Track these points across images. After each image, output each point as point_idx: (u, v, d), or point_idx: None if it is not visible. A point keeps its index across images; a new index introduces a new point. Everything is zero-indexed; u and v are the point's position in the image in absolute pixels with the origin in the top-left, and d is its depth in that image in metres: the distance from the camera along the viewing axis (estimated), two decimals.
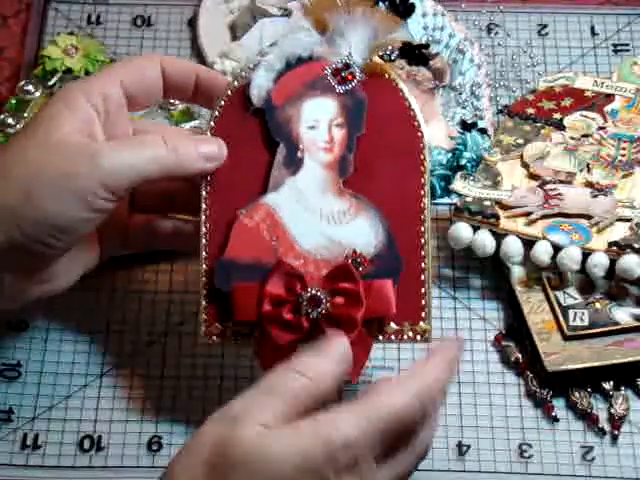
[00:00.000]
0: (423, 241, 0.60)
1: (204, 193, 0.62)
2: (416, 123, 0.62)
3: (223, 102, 0.63)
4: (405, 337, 0.60)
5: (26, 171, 0.58)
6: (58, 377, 0.69)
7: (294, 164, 0.61)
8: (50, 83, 0.79)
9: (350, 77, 0.62)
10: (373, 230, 0.60)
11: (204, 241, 0.61)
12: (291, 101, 0.62)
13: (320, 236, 0.60)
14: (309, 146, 0.62)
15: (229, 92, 0.63)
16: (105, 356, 0.70)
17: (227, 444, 0.50)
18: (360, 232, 0.60)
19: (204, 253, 0.61)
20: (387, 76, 0.63)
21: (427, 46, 0.82)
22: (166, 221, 0.69)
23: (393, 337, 0.59)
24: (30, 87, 0.79)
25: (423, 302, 0.60)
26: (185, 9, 0.86)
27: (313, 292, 0.58)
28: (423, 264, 0.60)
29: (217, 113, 0.63)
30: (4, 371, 0.69)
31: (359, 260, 0.59)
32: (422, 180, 0.61)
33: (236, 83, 0.63)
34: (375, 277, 0.59)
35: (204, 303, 0.61)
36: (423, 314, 0.60)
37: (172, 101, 0.77)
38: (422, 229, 0.61)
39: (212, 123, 0.63)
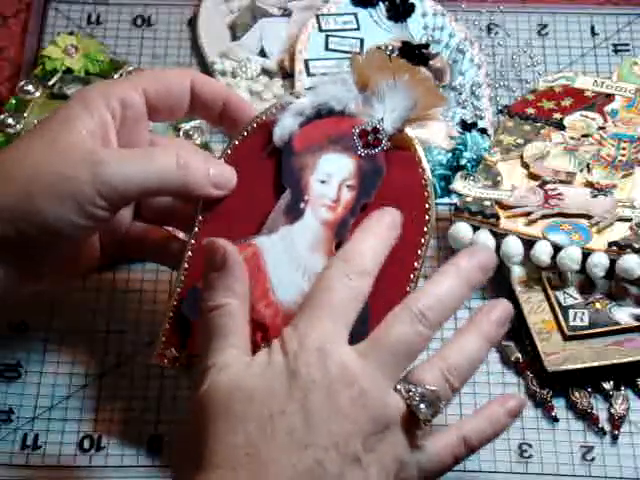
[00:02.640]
0: None
1: (200, 217, 0.61)
2: (427, 205, 0.60)
3: (246, 133, 0.62)
4: None
5: (28, 172, 0.58)
6: (58, 377, 0.69)
7: (294, 213, 0.60)
8: (50, 83, 0.79)
9: (376, 142, 0.60)
10: None
11: (185, 265, 0.61)
12: (310, 150, 0.61)
13: (297, 292, 0.58)
14: (314, 200, 0.60)
15: (254, 124, 0.62)
16: (105, 356, 0.70)
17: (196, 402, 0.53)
18: None
19: (182, 276, 0.61)
20: (412, 151, 0.61)
21: (427, 46, 0.82)
22: (159, 235, 0.68)
23: None
24: (30, 87, 0.79)
25: None
26: (185, 9, 0.86)
27: None
28: None
29: (236, 142, 0.62)
30: (4, 371, 0.69)
31: None
32: (416, 264, 0.59)
33: (263, 116, 0.62)
34: None
35: (167, 325, 0.61)
36: None
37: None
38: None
39: (229, 150, 0.62)
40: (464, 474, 0.66)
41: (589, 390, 0.68)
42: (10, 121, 0.77)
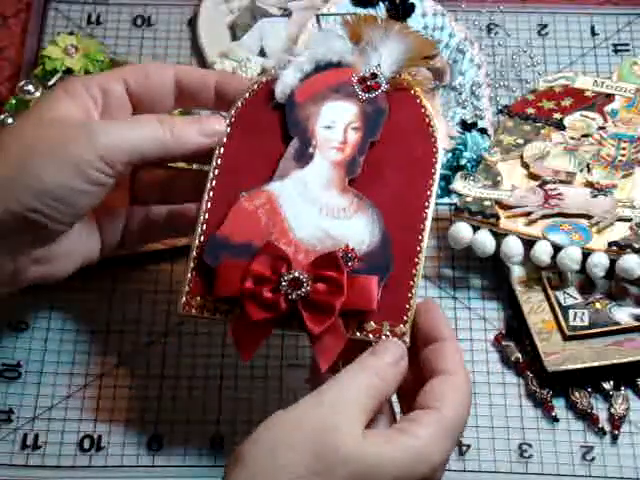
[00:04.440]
0: (419, 249, 0.60)
1: (211, 174, 0.62)
2: (433, 139, 0.62)
3: (247, 94, 0.64)
4: (382, 337, 0.59)
5: (22, 143, 0.59)
6: (58, 377, 0.69)
7: (304, 158, 0.62)
8: (50, 83, 0.79)
9: (375, 86, 0.63)
10: (369, 229, 0.60)
11: (202, 218, 0.62)
12: (313, 100, 0.63)
13: (315, 228, 0.60)
14: (322, 144, 0.62)
15: (255, 86, 0.64)
16: (105, 356, 0.70)
17: (329, 435, 0.53)
18: (356, 229, 0.60)
19: (199, 229, 0.61)
20: (412, 91, 0.63)
21: None
22: (160, 207, 0.68)
23: (371, 335, 0.59)
24: (30, 87, 0.79)
25: (407, 306, 0.59)
26: (185, 9, 0.86)
27: (296, 274, 0.58)
28: (414, 270, 0.60)
29: (239, 103, 0.63)
30: (4, 371, 0.69)
31: (350, 255, 0.59)
32: (428, 193, 0.61)
33: (263, 79, 0.64)
34: (362, 274, 0.59)
35: (189, 276, 0.61)
36: (404, 317, 0.59)
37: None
38: (420, 237, 0.60)
39: (232, 111, 0.63)
40: (464, 474, 0.66)
41: (589, 390, 0.68)
42: (10, 121, 0.77)
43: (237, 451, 0.54)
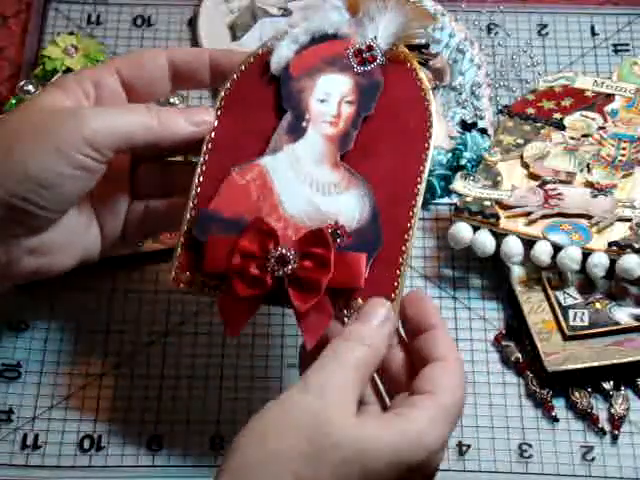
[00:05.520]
0: (409, 225, 0.60)
1: (205, 148, 0.62)
2: (428, 113, 0.62)
3: (243, 67, 0.64)
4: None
5: (8, 129, 0.59)
6: (58, 377, 0.69)
7: (297, 132, 0.62)
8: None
9: (371, 59, 0.63)
10: (359, 206, 0.60)
11: (194, 192, 0.62)
12: (308, 73, 0.63)
13: (306, 203, 0.60)
14: (315, 118, 0.62)
15: (251, 59, 0.64)
16: (105, 356, 0.70)
17: (321, 420, 0.52)
18: (346, 206, 0.60)
19: (191, 203, 0.61)
20: (408, 64, 0.63)
21: (427, 46, 0.82)
22: (160, 201, 0.68)
23: (358, 312, 0.59)
24: (30, 87, 0.79)
25: (395, 283, 0.59)
26: (185, 9, 0.86)
27: (283, 251, 0.58)
28: (404, 247, 0.60)
29: (235, 76, 0.64)
30: (4, 371, 0.69)
31: (339, 231, 0.59)
32: (421, 167, 0.61)
33: (259, 50, 0.64)
34: (352, 250, 0.59)
35: (179, 250, 0.61)
36: (392, 295, 0.59)
37: (171, 101, 0.77)
38: (411, 213, 0.60)
39: (228, 84, 0.63)
40: (464, 474, 0.66)
41: (589, 390, 0.68)
42: None
43: (232, 443, 0.53)
